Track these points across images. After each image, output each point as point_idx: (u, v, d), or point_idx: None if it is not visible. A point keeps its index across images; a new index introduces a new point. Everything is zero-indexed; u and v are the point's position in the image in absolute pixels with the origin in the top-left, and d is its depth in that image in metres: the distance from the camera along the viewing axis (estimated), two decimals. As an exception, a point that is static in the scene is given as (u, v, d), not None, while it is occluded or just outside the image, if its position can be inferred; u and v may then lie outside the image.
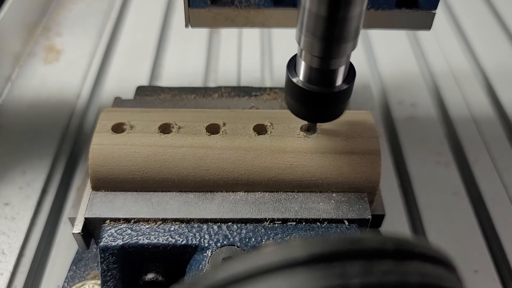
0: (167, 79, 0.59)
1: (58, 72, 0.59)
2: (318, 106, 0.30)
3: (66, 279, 0.39)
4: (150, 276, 0.32)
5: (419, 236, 0.45)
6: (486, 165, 0.50)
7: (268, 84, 0.59)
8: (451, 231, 0.45)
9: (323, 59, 0.27)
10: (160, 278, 0.32)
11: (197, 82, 0.58)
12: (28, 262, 0.42)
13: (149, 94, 0.41)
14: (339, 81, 0.29)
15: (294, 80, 0.30)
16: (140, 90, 0.41)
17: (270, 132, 0.34)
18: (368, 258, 0.16)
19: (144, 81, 0.58)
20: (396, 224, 0.45)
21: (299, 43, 0.28)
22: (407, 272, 0.17)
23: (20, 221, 0.44)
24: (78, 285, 0.38)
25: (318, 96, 0.29)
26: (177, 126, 0.34)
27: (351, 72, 0.30)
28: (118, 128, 0.34)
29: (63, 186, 0.48)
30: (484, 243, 0.44)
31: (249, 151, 0.33)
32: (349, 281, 0.16)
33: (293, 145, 0.33)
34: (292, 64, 0.31)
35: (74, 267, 0.39)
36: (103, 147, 0.33)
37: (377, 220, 0.37)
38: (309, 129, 0.34)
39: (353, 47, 0.27)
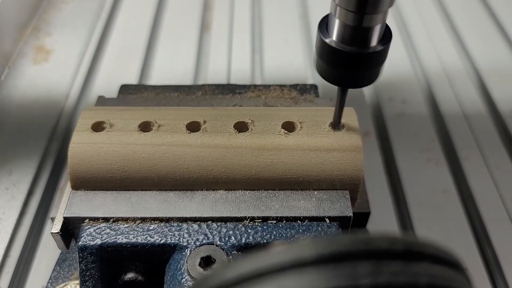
0: (156, 79, 0.59)
1: (47, 72, 0.59)
2: (350, 68, 0.29)
3: (50, 279, 0.38)
4: (129, 275, 0.32)
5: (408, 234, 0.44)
6: (477, 163, 0.50)
7: (258, 82, 0.59)
8: (440, 229, 0.44)
9: (359, 14, 0.26)
10: (139, 278, 0.32)
11: (187, 82, 0.58)
12: (13, 263, 0.42)
13: (132, 93, 0.40)
14: (374, 41, 0.28)
15: (327, 40, 0.28)
16: (124, 88, 0.41)
17: (251, 129, 0.33)
18: (377, 258, 0.16)
19: (133, 81, 0.58)
20: (384, 223, 0.45)
21: None
22: (416, 273, 0.17)
23: (6, 221, 0.44)
24: (61, 285, 0.38)
25: (351, 56, 0.28)
26: (157, 124, 0.34)
27: (387, 33, 0.29)
28: (98, 127, 0.34)
29: (50, 187, 0.48)
30: (474, 241, 0.43)
31: (229, 148, 0.33)
32: (359, 281, 0.16)
33: (274, 142, 0.33)
34: (324, 24, 0.29)
35: (58, 267, 0.39)
36: (82, 146, 0.33)
37: (362, 218, 0.36)
38: (336, 125, 0.33)
39: (390, 3, 0.26)
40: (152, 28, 0.66)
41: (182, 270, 0.29)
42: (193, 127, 0.34)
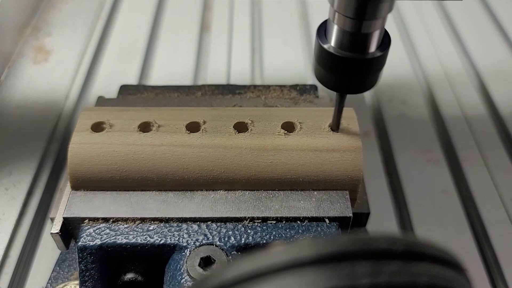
0: (156, 79, 0.59)
1: (47, 73, 0.59)
2: (349, 74, 0.29)
3: (49, 280, 0.38)
4: (129, 276, 0.32)
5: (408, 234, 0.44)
6: (477, 163, 0.50)
7: (258, 83, 0.59)
8: (440, 229, 0.44)
9: (357, 20, 0.26)
10: (139, 278, 0.32)
11: (187, 82, 0.58)
12: (13, 263, 0.42)
13: (132, 93, 0.40)
14: (372, 47, 0.28)
15: (325, 46, 0.28)
16: (123, 89, 0.41)
17: (251, 130, 0.33)
18: (377, 258, 0.16)
19: (133, 81, 0.58)
20: (384, 223, 0.45)
21: (332, 4, 0.26)
22: (416, 273, 0.17)
23: (5, 222, 0.44)
24: (61, 285, 0.38)
25: (350, 62, 0.28)
26: (157, 125, 0.34)
27: (386, 39, 0.29)
28: (97, 127, 0.34)
29: (50, 187, 0.48)
30: (474, 242, 0.43)
31: (229, 149, 0.32)
32: (358, 281, 0.16)
33: (274, 143, 0.33)
34: (322, 30, 0.29)
35: (58, 268, 0.39)
36: (82, 146, 0.33)
37: (362, 218, 0.36)
38: (335, 130, 0.33)
39: (389, 9, 0.26)
40: (152, 28, 0.66)
41: (182, 271, 0.29)
42: (193, 127, 0.34)
